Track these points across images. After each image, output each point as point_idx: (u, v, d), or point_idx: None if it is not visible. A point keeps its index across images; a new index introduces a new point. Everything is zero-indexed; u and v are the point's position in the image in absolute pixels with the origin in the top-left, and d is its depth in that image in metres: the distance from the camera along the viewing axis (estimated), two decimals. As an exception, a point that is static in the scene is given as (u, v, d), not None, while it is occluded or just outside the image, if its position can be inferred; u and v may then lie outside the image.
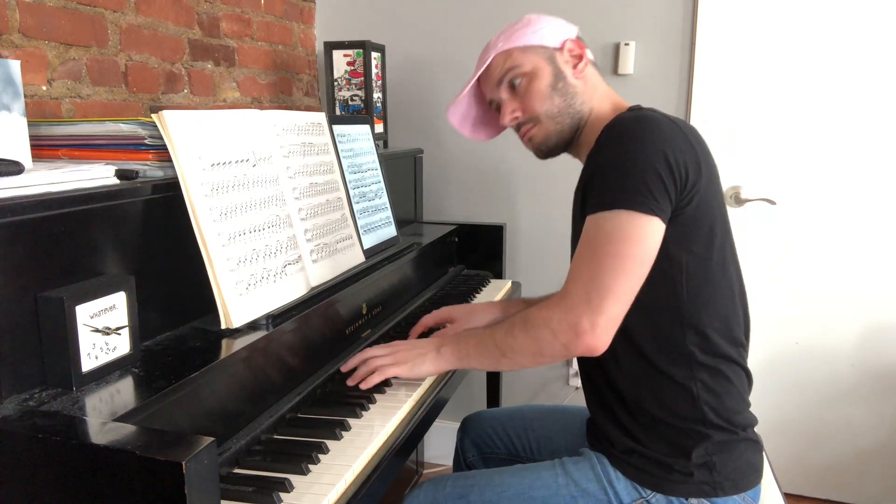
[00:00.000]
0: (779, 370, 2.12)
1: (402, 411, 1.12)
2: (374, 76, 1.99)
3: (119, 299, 0.88)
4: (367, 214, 1.53)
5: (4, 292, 0.77)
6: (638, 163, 1.00)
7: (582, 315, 0.99)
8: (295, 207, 1.23)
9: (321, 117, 1.41)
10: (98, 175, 0.92)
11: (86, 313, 0.83)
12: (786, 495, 1.26)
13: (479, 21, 2.18)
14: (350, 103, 2.00)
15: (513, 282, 2.05)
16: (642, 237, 0.99)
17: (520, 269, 2.32)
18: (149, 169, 1.02)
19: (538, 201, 2.26)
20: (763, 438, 1.15)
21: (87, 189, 0.88)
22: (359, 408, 1.10)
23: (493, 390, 2.11)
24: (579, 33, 1.23)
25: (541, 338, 1.04)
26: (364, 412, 1.10)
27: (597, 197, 1.02)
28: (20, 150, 0.91)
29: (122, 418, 0.75)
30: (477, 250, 2.09)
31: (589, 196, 1.05)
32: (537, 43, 1.18)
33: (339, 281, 1.29)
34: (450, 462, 1.58)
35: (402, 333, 1.44)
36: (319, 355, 1.21)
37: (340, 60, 1.98)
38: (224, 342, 1.00)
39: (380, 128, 2.06)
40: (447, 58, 2.25)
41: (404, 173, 2.08)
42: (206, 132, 1.04)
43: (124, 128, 1.02)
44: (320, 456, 0.95)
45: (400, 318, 1.52)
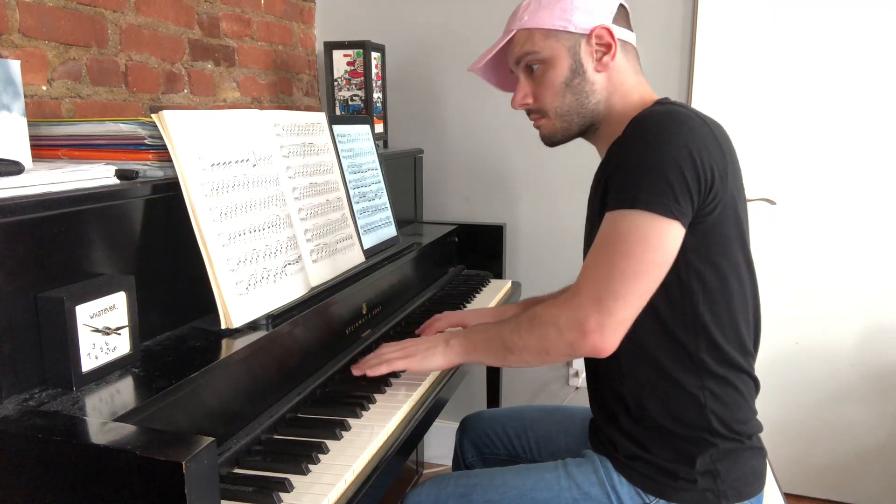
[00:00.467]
0: (779, 370, 2.12)
1: (402, 411, 1.12)
2: (374, 76, 1.99)
3: (119, 299, 0.88)
4: (367, 214, 1.53)
5: (4, 292, 0.77)
6: (663, 160, 0.96)
7: (590, 315, 0.97)
8: (295, 207, 1.23)
9: (321, 117, 1.41)
10: (98, 175, 0.92)
11: (86, 313, 0.83)
12: (786, 495, 1.25)
13: (479, 21, 2.17)
14: (350, 103, 2.00)
15: (513, 282, 2.05)
16: (660, 241, 0.96)
17: (520, 269, 2.31)
18: (149, 169, 1.02)
19: (538, 201, 2.26)
20: (763, 439, 1.15)
21: (88, 189, 0.88)
22: (359, 408, 1.10)
23: (493, 390, 2.11)
24: (622, 6, 1.13)
25: (547, 336, 1.02)
26: (364, 412, 1.10)
27: (618, 193, 0.99)
28: (20, 150, 0.91)
29: (122, 418, 0.75)
30: (477, 250, 2.10)
31: (611, 190, 1.01)
32: (562, 27, 1.09)
33: (339, 281, 1.29)
34: (450, 462, 1.58)
35: (403, 333, 1.44)
36: (319, 355, 1.21)
37: (340, 60, 1.98)
38: (224, 342, 1.00)
39: (380, 128, 2.06)
40: (447, 58, 2.25)
41: (404, 173, 2.08)
42: (206, 132, 1.04)
43: (124, 128, 1.02)
44: (320, 456, 0.95)
45: (400, 318, 1.52)
